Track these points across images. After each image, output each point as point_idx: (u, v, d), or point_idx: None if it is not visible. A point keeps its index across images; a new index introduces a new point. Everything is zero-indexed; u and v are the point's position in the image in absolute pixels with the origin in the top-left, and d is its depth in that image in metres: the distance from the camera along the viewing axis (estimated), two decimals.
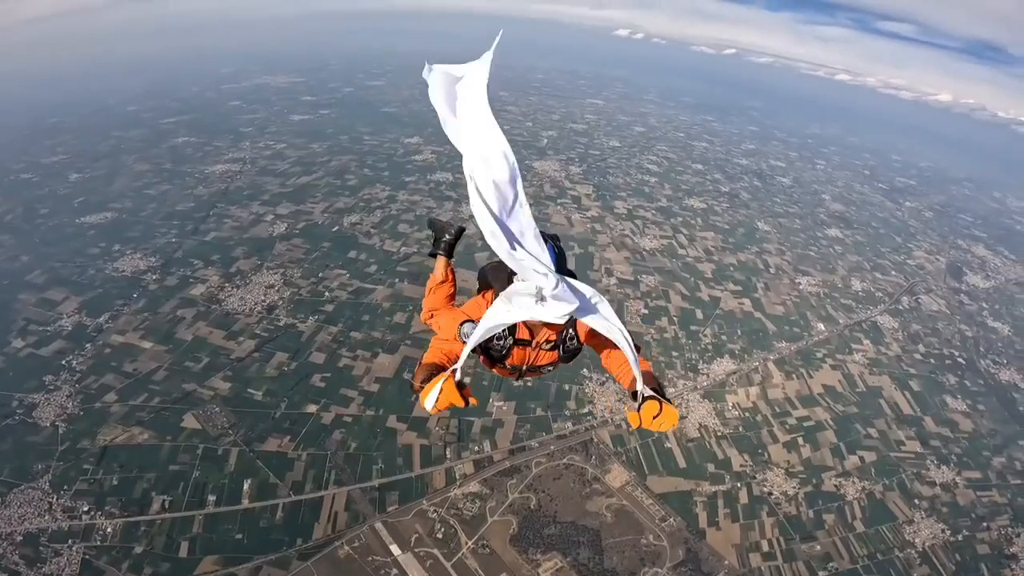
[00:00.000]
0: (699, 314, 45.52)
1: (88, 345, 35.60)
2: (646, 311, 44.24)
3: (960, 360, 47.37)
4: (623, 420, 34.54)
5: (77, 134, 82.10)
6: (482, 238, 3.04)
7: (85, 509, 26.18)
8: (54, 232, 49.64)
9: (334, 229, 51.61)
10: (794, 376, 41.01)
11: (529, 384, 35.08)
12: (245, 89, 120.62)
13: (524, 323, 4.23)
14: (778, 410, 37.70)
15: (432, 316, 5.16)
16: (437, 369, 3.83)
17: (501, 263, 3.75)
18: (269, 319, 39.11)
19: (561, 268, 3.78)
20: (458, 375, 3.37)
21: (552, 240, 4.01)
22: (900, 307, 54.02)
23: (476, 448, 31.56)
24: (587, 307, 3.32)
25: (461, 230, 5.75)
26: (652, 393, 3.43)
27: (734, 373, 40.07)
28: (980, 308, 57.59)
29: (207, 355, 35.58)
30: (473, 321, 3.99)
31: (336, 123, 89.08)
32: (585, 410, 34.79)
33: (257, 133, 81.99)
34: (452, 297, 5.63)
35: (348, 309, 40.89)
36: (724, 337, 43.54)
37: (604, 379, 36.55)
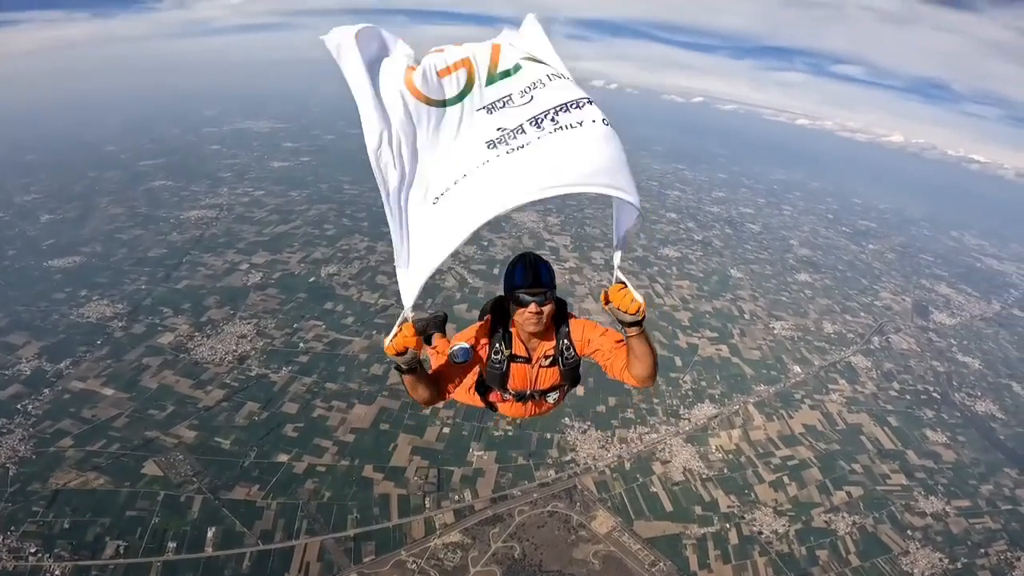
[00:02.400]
0: (678, 361, 45.75)
1: (46, 390, 34.38)
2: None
3: (935, 395, 48.36)
4: (607, 467, 34.16)
5: (53, 172, 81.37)
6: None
7: (32, 551, 24.93)
8: (20, 275, 48.35)
9: (311, 280, 50.88)
10: (774, 417, 41.22)
11: (510, 432, 34.69)
12: (226, 133, 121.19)
13: (521, 340, 4.22)
14: (761, 451, 37.61)
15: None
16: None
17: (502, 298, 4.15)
18: (240, 369, 37.92)
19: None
20: (409, 314, 3.40)
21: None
22: (872, 347, 55.18)
23: (456, 497, 30.55)
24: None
25: (444, 318, 5.82)
26: (623, 279, 3.51)
27: (715, 417, 40.06)
28: (949, 344, 59.27)
29: (172, 403, 34.27)
30: (465, 345, 3.96)
31: (316, 171, 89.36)
32: (567, 457, 34.23)
33: (236, 179, 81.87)
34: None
35: (323, 360, 39.91)
36: (704, 383, 43.74)
37: (586, 427, 36.38)
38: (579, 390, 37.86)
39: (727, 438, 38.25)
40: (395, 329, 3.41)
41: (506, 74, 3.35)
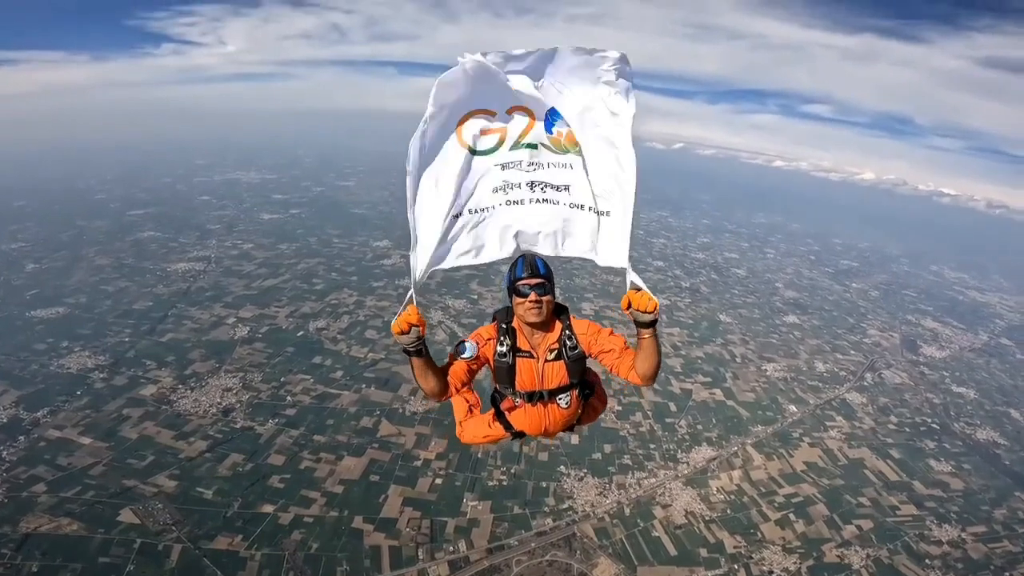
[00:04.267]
0: (672, 407, 45.41)
1: (21, 437, 33.98)
2: (619, 407, 43.53)
3: (934, 426, 48.43)
4: (606, 513, 33.32)
5: (41, 220, 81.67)
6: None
7: None
8: (1, 324, 47.89)
9: (299, 334, 50.22)
10: (775, 457, 40.78)
11: (505, 482, 34.15)
12: (216, 183, 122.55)
13: (524, 335, 4.47)
14: (764, 490, 36.99)
15: None
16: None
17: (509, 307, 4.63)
18: (225, 421, 37.15)
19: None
20: (414, 299, 4.04)
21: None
22: (865, 383, 55.32)
23: (451, 548, 29.55)
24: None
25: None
26: (638, 283, 3.98)
27: (714, 459, 39.55)
28: (942, 376, 59.66)
29: (152, 453, 33.49)
30: (471, 342, 4.35)
31: (305, 224, 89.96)
32: (565, 505, 33.44)
33: (225, 231, 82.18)
34: None
35: (311, 413, 39.13)
36: (700, 426, 43.30)
37: (582, 474, 35.84)
38: (574, 438, 37.55)
39: (728, 479, 37.67)
40: (400, 310, 3.90)
41: (527, 146, 4.40)
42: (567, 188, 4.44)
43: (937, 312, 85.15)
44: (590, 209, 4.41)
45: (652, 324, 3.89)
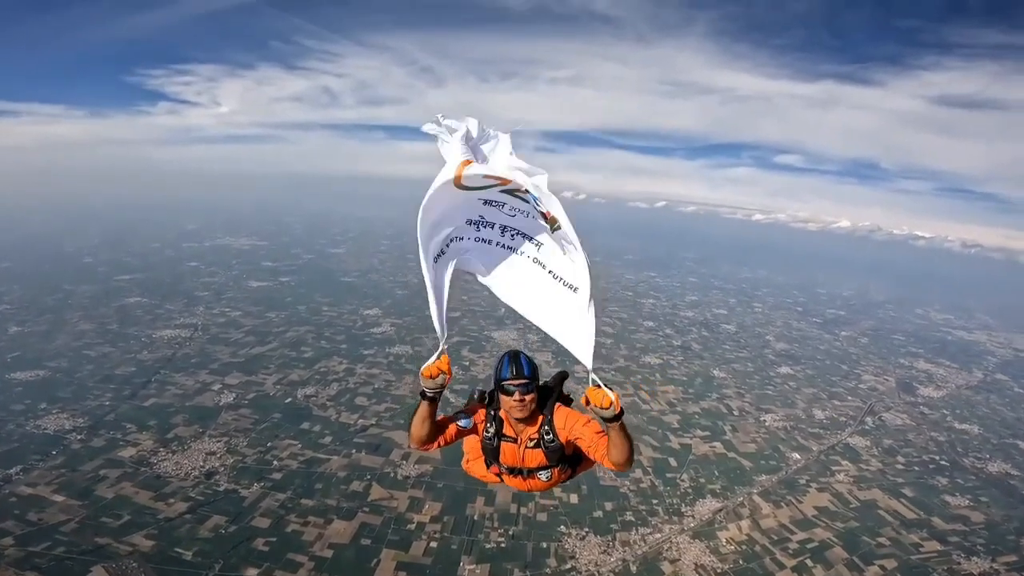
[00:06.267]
0: (672, 462, 44.59)
1: None
2: None
3: (943, 463, 48.09)
4: (611, 572, 32.18)
5: (26, 283, 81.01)
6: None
7: None
8: None
9: (287, 401, 49.04)
10: (783, 504, 39.80)
11: (503, 544, 33.09)
12: (206, 249, 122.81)
13: (510, 423, 4.89)
14: (775, 537, 35.88)
15: None
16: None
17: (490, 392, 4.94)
18: (207, 484, 35.78)
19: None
20: (447, 350, 4.32)
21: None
22: (866, 427, 55.09)
23: None
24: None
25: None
26: (597, 380, 4.08)
27: (720, 511, 38.45)
28: (943, 415, 59.80)
29: (129, 513, 32.13)
30: (469, 417, 4.85)
31: (295, 291, 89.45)
32: (568, 566, 32.20)
33: (212, 298, 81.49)
34: None
35: (299, 477, 37.85)
36: (702, 479, 42.41)
37: (584, 533, 34.83)
38: (573, 497, 36.16)
39: (736, 529, 36.60)
40: (434, 357, 4.23)
41: (514, 194, 4.26)
42: (540, 244, 4.55)
43: (928, 354, 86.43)
44: (561, 280, 4.52)
45: (616, 419, 3.98)
